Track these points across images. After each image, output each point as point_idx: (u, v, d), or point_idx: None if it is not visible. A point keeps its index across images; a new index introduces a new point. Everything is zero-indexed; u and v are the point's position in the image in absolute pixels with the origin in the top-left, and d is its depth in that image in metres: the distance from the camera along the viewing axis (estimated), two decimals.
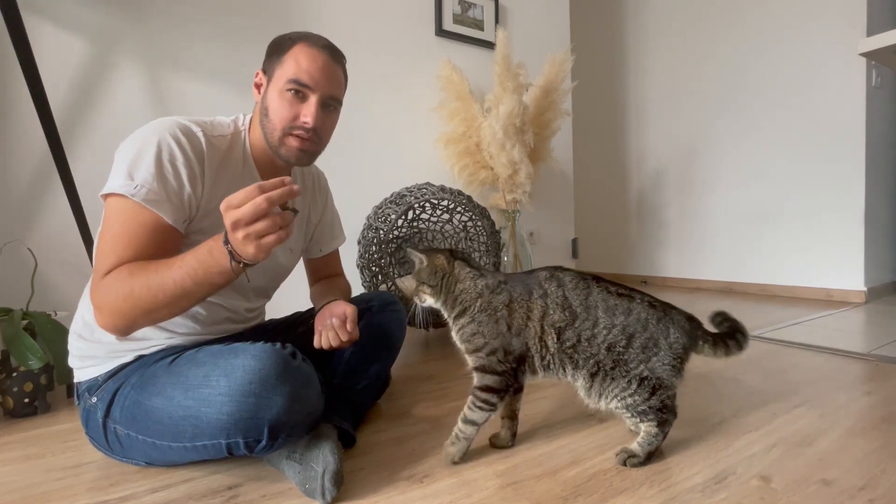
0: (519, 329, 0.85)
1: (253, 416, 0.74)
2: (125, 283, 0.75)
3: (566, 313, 0.84)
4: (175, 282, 0.74)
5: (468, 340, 0.87)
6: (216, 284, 0.76)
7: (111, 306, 0.75)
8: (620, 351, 0.83)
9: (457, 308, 0.89)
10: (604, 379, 0.85)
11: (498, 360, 0.85)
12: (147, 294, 0.74)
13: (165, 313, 0.78)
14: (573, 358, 0.85)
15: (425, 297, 0.91)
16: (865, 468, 0.84)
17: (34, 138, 1.43)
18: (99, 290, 0.77)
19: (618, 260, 3.88)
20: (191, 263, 0.73)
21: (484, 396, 0.86)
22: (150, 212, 0.79)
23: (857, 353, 1.57)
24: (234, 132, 0.95)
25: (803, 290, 2.77)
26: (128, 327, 0.78)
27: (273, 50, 0.92)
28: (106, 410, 0.85)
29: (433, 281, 0.90)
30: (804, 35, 2.70)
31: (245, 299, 1.03)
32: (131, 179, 0.78)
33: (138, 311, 0.75)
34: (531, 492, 0.79)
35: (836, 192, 2.63)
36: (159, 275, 0.74)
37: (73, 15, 1.54)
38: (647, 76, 3.60)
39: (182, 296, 0.75)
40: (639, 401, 0.84)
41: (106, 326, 0.77)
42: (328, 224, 1.21)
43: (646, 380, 0.84)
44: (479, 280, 0.89)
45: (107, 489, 0.83)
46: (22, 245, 1.43)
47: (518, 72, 2.11)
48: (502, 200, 2.31)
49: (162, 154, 0.81)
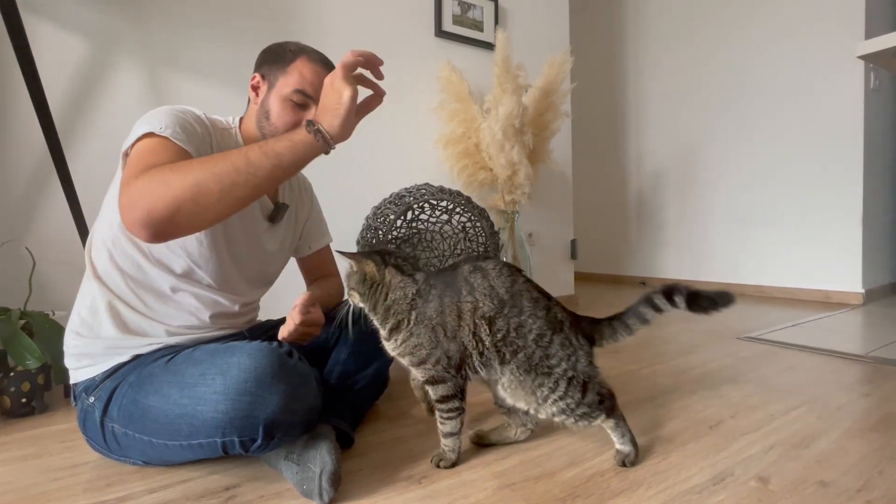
0: (454, 332, 0.83)
1: (248, 415, 0.74)
2: (171, 165, 0.72)
3: (494, 301, 0.83)
4: (239, 151, 0.74)
5: (411, 353, 0.84)
6: (283, 157, 0.76)
7: (154, 190, 0.69)
8: (546, 344, 0.82)
9: (390, 321, 0.85)
10: (535, 376, 0.82)
11: (443, 367, 0.83)
12: (202, 164, 0.72)
13: (217, 192, 0.71)
14: (501, 351, 0.83)
15: (356, 300, 0.88)
16: (863, 470, 0.84)
17: (33, 137, 1.43)
18: (133, 185, 0.71)
19: (617, 261, 3.89)
20: (257, 142, 0.77)
21: (447, 406, 0.85)
22: (178, 145, 0.80)
23: (854, 355, 1.57)
24: (226, 127, 0.99)
25: (801, 292, 2.77)
26: (168, 216, 0.69)
27: (273, 59, 0.96)
28: (103, 410, 0.84)
29: (362, 289, 0.86)
30: (803, 38, 2.71)
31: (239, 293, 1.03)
32: (152, 124, 0.80)
33: (187, 187, 0.69)
34: (529, 493, 0.79)
35: (834, 194, 2.63)
36: (219, 154, 0.75)
37: (72, 14, 1.53)
38: (646, 78, 3.61)
39: (244, 167, 0.72)
40: (574, 402, 0.83)
41: (139, 220, 0.69)
42: (315, 221, 1.23)
43: (573, 379, 0.83)
44: (410, 288, 0.85)
45: (104, 489, 0.83)
46: (20, 244, 1.42)
47: (517, 73, 2.12)
48: (501, 201, 2.31)
49: (178, 114, 0.85)
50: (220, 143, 0.94)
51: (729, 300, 0.86)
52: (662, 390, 1.28)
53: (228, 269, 0.98)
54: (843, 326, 2.06)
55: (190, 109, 0.90)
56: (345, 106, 0.78)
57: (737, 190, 3.07)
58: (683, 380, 1.36)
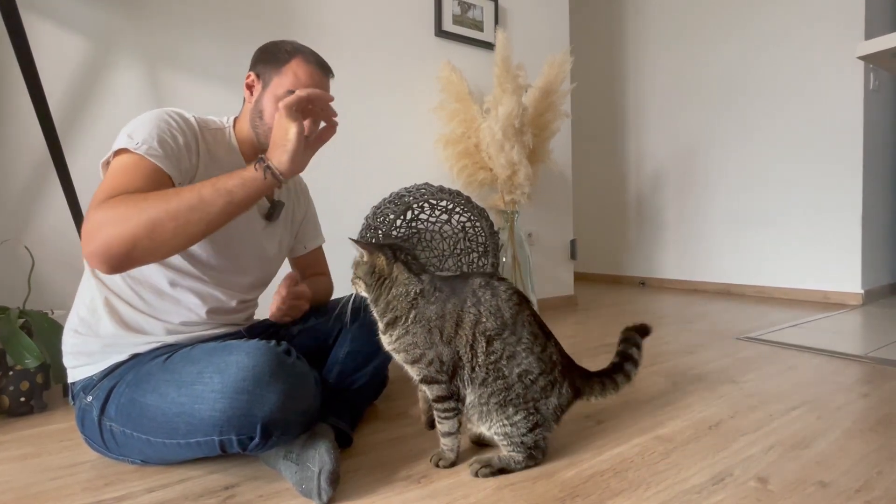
0: (449, 337, 0.83)
1: (246, 414, 0.73)
2: (130, 199, 0.73)
3: (497, 322, 0.83)
4: (192, 189, 0.75)
5: (405, 351, 0.84)
6: (234, 194, 0.77)
7: (111, 226, 0.70)
8: (529, 382, 0.82)
9: (388, 315, 0.85)
10: (500, 406, 0.83)
11: (436, 369, 0.83)
12: (158, 202, 0.72)
13: (171, 229, 0.72)
14: (488, 372, 0.83)
15: (360, 290, 0.89)
16: (862, 470, 0.84)
17: (32, 136, 1.42)
18: (94, 216, 0.72)
19: (616, 261, 3.89)
20: (210, 179, 0.78)
21: (443, 406, 0.85)
22: (151, 163, 0.81)
23: (854, 356, 1.57)
24: (219, 127, 0.99)
25: (801, 293, 2.77)
26: (124, 252, 0.71)
27: (268, 58, 0.97)
28: (101, 409, 0.84)
29: (369, 280, 0.86)
30: (803, 38, 2.72)
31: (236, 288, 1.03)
32: (131, 139, 0.81)
33: (142, 225, 0.70)
34: (528, 493, 0.79)
35: (833, 194, 2.63)
36: (173, 190, 0.75)
37: (71, 13, 1.53)
38: (646, 78, 3.61)
39: (197, 205, 0.74)
40: (518, 433, 0.84)
41: (98, 253, 0.71)
42: (311, 221, 1.24)
43: (532, 415, 0.83)
44: (414, 287, 0.84)
45: (102, 489, 0.83)
46: (19, 243, 1.42)
47: (517, 73, 2.12)
48: (501, 201, 2.31)
49: (160, 123, 0.85)
50: (210, 146, 0.94)
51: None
52: (662, 390, 1.28)
53: (226, 265, 0.98)
54: (843, 327, 2.06)
55: (178, 114, 0.90)
56: (291, 142, 0.79)
57: (736, 190, 3.07)
58: (683, 380, 1.36)
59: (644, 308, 2.66)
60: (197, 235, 0.77)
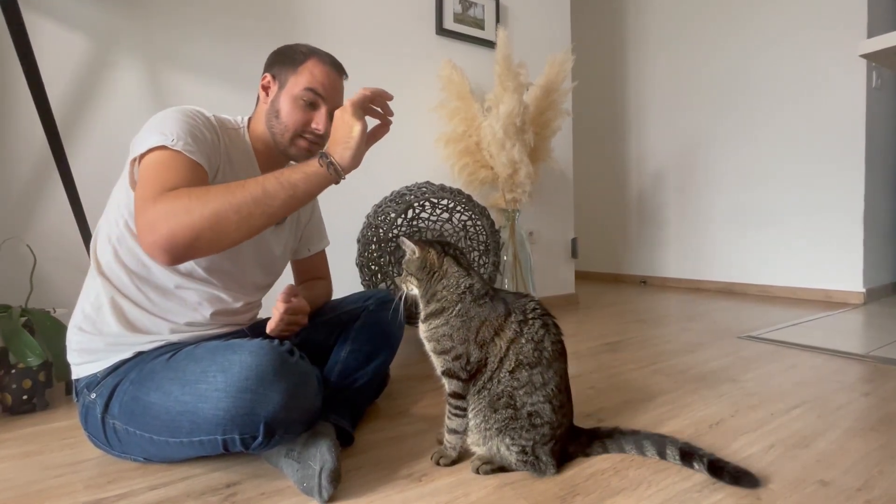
0: (483, 341, 0.83)
1: (249, 413, 0.74)
2: (193, 192, 0.74)
3: (535, 354, 0.82)
4: (256, 181, 0.76)
5: (437, 340, 0.85)
6: (298, 188, 0.78)
7: (175, 218, 0.71)
8: (533, 425, 0.82)
9: (432, 305, 0.86)
10: (499, 432, 0.82)
11: (461, 366, 0.83)
12: (222, 195, 0.74)
13: (235, 221, 0.74)
14: (502, 396, 0.82)
15: (412, 287, 0.89)
16: (863, 469, 0.84)
17: (33, 135, 1.43)
18: (155, 208, 0.73)
19: (617, 260, 3.89)
20: (272, 173, 0.79)
21: (455, 403, 0.85)
22: (190, 158, 0.81)
23: (855, 355, 1.57)
24: (234, 127, 1.00)
25: (802, 291, 2.77)
26: (188, 243, 0.72)
27: (283, 59, 0.98)
28: (105, 406, 0.85)
29: (420, 275, 0.87)
30: (805, 36, 2.71)
31: (242, 291, 1.03)
32: (165, 135, 0.81)
33: (207, 217, 0.72)
34: (529, 491, 0.79)
35: (835, 193, 2.63)
36: (237, 183, 0.76)
37: (72, 12, 1.53)
38: (647, 76, 3.60)
39: (262, 198, 0.75)
40: (514, 459, 0.84)
41: (160, 244, 0.72)
42: (316, 224, 1.24)
43: (526, 454, 0.83)
44: (464, 280, 0.86)
45: (105, 486, 0.83)
46: (21, 242, 1.42)
47: (518, 71, 2.11)
48: (502, 200, 2.31)
49: (188, 120, 0.86)
50: (230, 146, 0.95)
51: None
52: (663, 389, 1.28)
53: (233, 268, 0.98)
54: (844, 326, 2.05)
55: (199, 112, 0.90)
56: (355, 139, 0.82)
57: (738, 189, 3.07)
58: (684, 379, 1.36)
59: (645, 307, 2.66)
60: (258, 228, 0.78)
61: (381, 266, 1.76)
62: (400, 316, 1.18)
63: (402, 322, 1.20)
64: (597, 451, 0.91)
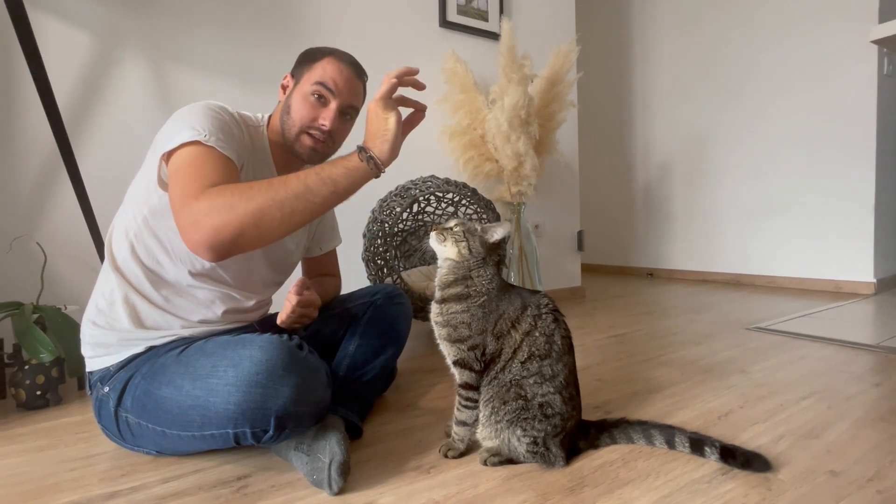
0: (500, 333, 0.84)
1: (260, 407, 0.74)
2: (236, 188, 0.74)
3: (546, 346, 0.83)
4: (297, 177, 0.76)
5: (454, 326, 0.85)
6: (339, 184, 0.78)
7: (218, 214, 0.72)
8: (549, 414, 0.82)
9: (457, 287, 0.85)
10: (510, 424, 0.83)
11: (475, 357, 0.84)
12: (265, 191, 0.74)
13: (278, 217, 0.74)
14: (511, 387, 0.83)
15: (452, 249, 0.86)
16: (874, 459, 0.84)
17: (41, 133, 1.44)
18: (197, 205, 0.73)
19: (624, 252, 3.87)
20: (313, 168, 0.79)
21: (466, 395, 0.86)
22: (222, 153, 0.81)
23: (865, 345, 1.56)
24: (255, 125, 1.00)
25: (812, 282, 2.75)
26: (232, 239, 0.73)
27: (304, 59, 0.99)
28: (118, 400, 0.86)
29: (477, 250, 0.85)
30: (814, 23, 2.66)
31: (255, 290, 1.04)
32: (197, 131, 0.81)
33: (250, 213, 0.72)
34: (537, 483, 0.80)
35: (845, 182, 2.59)
36: (278, 179, 0.76)
37: (78, 10, 1.54)
38: (653, 67, 3.56)
39: (304, 193, 0.75)
40: (522, 450, 0.84)
41: (204, 241, 0.72)
42: (329, 223, 1.24)
43: (537, 444, 0.83)
44: (493, 282, 0.87)
45: (118, 479, 0.84)
46: (31, 240, 1.44)
47: (523, 63, 2.09)
48: (507, 193, 2.30)
49: (215, 115, 0.86)
50: (253, 142, 0.96)
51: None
52: (671, 380, 1.28)
53: (247, 268, 0.99)
54: (854, 316, 2.04)
55: (224, 107, 0.90)
56: (391, 131, 0.82)
57: (746, 179, 3.03)
58: (692, 370, 1.36)
59: (652, 299, 2.65)
60: (300, 224, 0.78)
61: (386, 261, 1.77)
62: (408, 310, 1.18)
63: (410, 316, 1.21)
64: (605, 442, 0.91)
